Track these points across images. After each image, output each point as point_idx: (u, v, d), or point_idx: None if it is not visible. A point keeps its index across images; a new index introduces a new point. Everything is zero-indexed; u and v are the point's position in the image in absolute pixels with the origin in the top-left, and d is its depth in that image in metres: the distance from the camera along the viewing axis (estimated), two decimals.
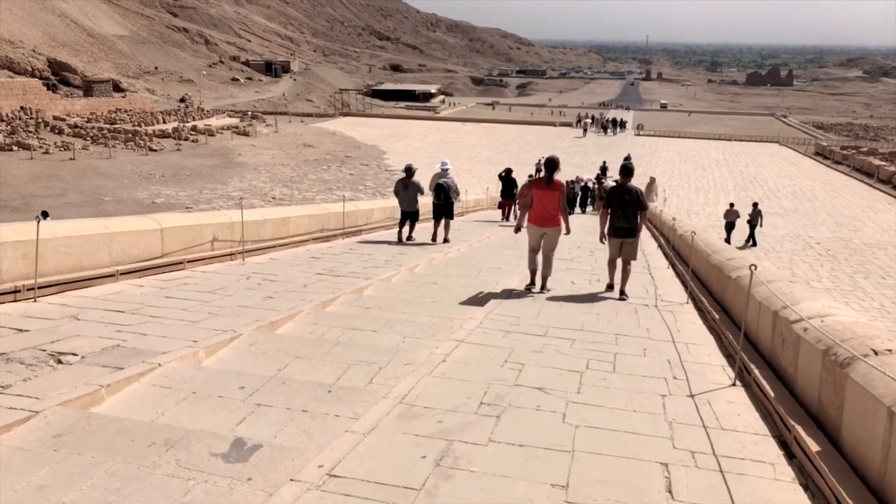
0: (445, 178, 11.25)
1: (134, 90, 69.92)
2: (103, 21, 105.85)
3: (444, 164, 11.59)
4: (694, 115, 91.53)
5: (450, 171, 11.53)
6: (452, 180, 11.40)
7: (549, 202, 6.97)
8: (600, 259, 10.11)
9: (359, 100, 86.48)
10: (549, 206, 6.98)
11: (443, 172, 11.37)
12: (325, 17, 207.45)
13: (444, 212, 11.32)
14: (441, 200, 11.16)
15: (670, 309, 6.73)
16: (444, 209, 11.27)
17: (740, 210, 24.06)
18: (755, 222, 23.13)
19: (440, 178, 11.27)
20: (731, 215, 23.63)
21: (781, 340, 4.22)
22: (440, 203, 11.20)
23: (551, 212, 6.99)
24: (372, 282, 7.15)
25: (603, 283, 7.77)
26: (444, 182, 11.15)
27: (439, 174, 11.37)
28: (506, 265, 9.09)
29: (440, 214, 11.34)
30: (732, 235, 23.30)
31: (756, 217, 23.20)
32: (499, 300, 6.54)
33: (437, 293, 6.82)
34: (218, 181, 33.35)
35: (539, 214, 7.03)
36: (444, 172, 11.37)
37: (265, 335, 4.77)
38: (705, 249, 7.47)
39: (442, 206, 11.21)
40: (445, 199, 11.16)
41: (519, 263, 9.38)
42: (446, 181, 11.19)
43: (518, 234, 7.59)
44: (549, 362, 4.49)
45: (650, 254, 11.92)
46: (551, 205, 6.98)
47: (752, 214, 23.30)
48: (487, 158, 43.66)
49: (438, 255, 9.75)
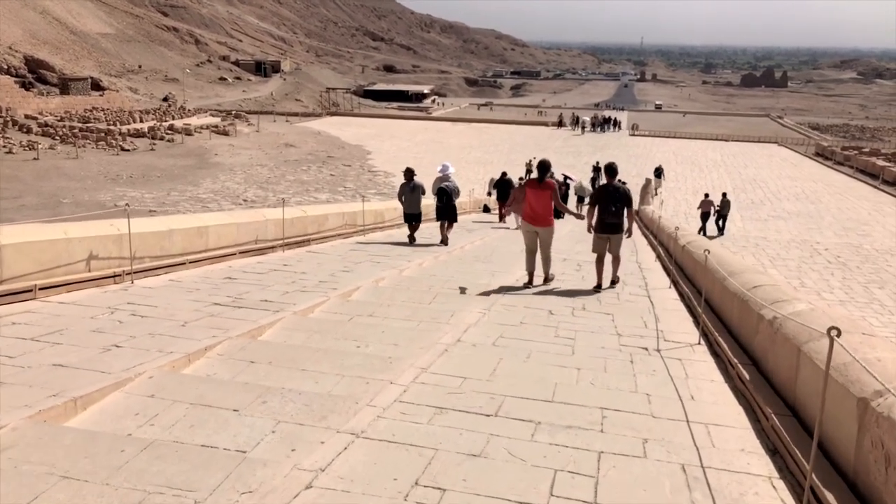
0: (447, 182, 11.67)
1: (114, 89, 67.89)
2: (88, 19, 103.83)
3: (446, 168, 11.98)
4: (689, 115, 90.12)
5: (452, 175, 11.92)
6: (454, 183, 11.89)
7: (541, 201, 7.37)
8: (588, 276, 8.38)
9: (347, 98, 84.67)
10: (541, 205, 7.39)
11: (444, 176, 11.74)
12: (318, 17, 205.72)
13: (446, 214, 11.75)
14: (444, 203, 11.60)
15: (677, 355, 5.00)
16: (446, 211, 11.72)
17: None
18: (725, 212, 23.40)
19: (442, 181, 11.68)
20: (706, 205, 23.71)
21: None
22: (443, 205, 11.65)
23: (543, 211, 7.40)
24: (282, 316, 5.38)
25: (590, 309, 6.07)
26: (447, 186, 11.63)
27: (441, 178, 11.73)
28: (472, 285, 7.35)
29: (443, 216, 11.76)
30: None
31: (725, 207, 23.44)
32: (443, 346, 4.78)
33: (362, 336, 5.04)
34: (189, 182, 31.52)
35: (531, 213, 7.45)
36: (446, 176, 11.75)
37: (40, 432, 2.98)
38: (722, 272, 5.72)
39: (444, 208, 11.67)
40: (448, 202, 11.61)
41: (489, 283, 7.65)
42: (448, 185, 11.66)
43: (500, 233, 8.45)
44: (490, 483, 2.73)
45: (648, 268, 10.18)
46: (544, 203, 7.38)
47: (721, 204, 23.44)
48: (477, 159, 41.92)
49: (391, 272, 7.99)
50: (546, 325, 5.71)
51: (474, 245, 12.27)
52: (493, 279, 7.95)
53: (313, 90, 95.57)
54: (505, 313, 6.01)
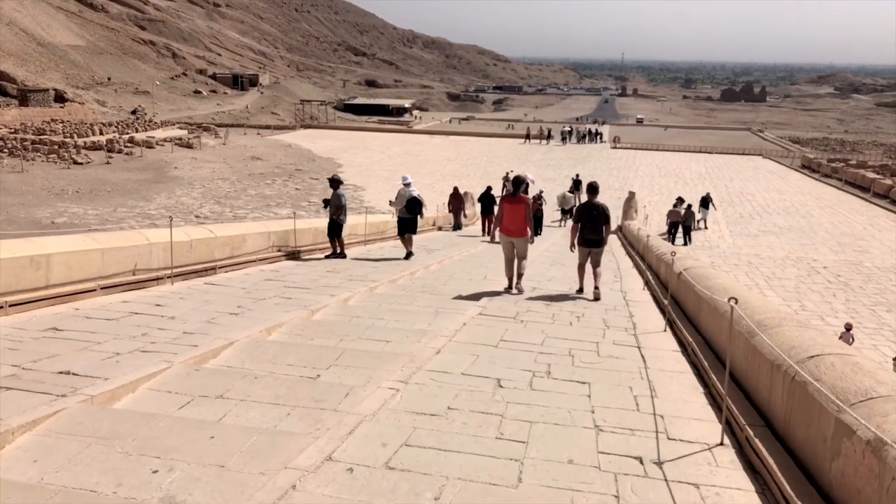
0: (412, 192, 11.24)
1: (80, 101, 65.34)
2: (58, 31, 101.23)
3: (406, 179, 11.55)
4: (671, 129, 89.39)
5: (412, 185, 11.44)
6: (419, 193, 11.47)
7: (515, 214, 7.91)
8: (559, 313, 6.45)
9: (321, 110, 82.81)
10: (515, 218, 7.92)
11: (405, 187, 11.26)
12: (300, 32, 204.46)
13: (412, 226, 11.39)
14: (412, 214, 11.26)
15: (691, 470, 3.05)
16: (411, 224, 11.34)
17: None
18: (689, 223, 22.87)
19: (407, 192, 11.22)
20: (674, 216, 23.00)
21: None
22: (411, 217, 11.26)
23: (517, 223, 7.91)
24: (61, 408, 3.33)
25: (557, 375, 4.10)
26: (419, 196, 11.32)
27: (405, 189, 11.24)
28: (401, 335, 5.37)
29: (408, 229, 11.33)
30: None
31: (689, 218, 22.92)
32: (300, 472, 2.77)
33: (167, 457, 3.01)
34: (142, 197, 29.26)
35: (507, 226, 7.97)
36: (408, 186, 11.27)
37: None
38: (752, 326, 3.79)
39: (411, 220, 11.30)
40: (416, 214, 11.29)
41: (426, 330, 5.69)
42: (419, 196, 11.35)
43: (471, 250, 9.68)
44: None
45: (635, 300, 8.25)
46: (518, 216, 7.91)
47: (685, 215, 22.81)
48: (453, 172, 40.06)
49: (295, 315, 5.96)
50: (487, 411, 3.73)
51: (429, 271, 10.28)
52: (432, 323, 5.97)
53: (291, 104, 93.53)
54: (427, 390, 4.02)
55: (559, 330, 6.02)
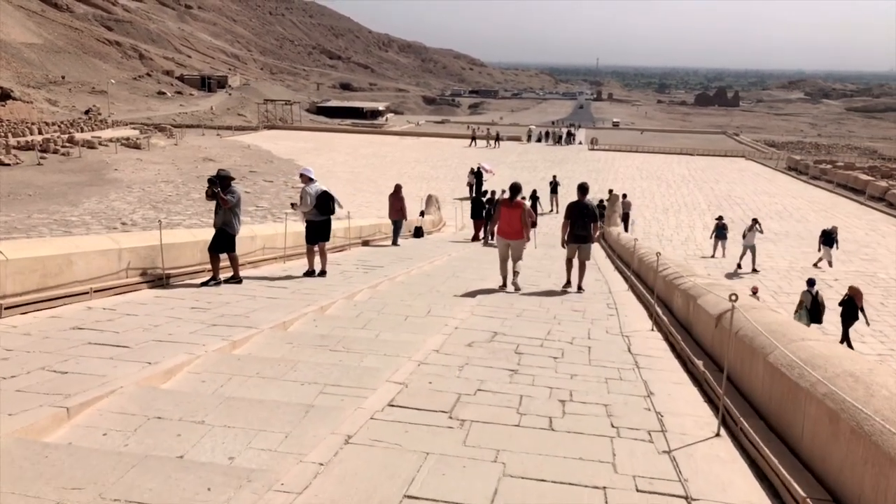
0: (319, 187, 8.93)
1: (27, 100, 61.16)
2: (12, 28, 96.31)
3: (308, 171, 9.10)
4: (647, 133, 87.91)
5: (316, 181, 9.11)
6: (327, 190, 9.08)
7: (513, 218, 8.59)
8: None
9: (286, 111, 79.55)
10: (512, 222, 8.59)
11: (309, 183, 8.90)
12: (274, 35, 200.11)
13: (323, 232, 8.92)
14: (326, 216, 8.89)
15: None
16: (323, 228, 8.91)
17: None
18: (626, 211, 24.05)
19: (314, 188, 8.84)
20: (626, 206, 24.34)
21: None
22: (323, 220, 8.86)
23: (515, 226, 8.59)
24: None
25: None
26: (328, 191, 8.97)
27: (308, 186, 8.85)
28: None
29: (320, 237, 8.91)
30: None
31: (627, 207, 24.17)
32: None
33: None
34: (68, 202, 25.95)
35: (505, 229, 8.67)
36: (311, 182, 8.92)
37: None
38: None
39: (323, 224, 8.88)
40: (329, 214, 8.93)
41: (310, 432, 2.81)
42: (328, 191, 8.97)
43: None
44: None
45: (644, 353, 5.56)
46: (514, 220, 8.58)
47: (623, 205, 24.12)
48: (421, 174, 37.29)
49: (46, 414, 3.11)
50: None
51: (351, 301, 7.49)
52: (304, 419, 3.17)
53: (258, 105, 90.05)
54: None
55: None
